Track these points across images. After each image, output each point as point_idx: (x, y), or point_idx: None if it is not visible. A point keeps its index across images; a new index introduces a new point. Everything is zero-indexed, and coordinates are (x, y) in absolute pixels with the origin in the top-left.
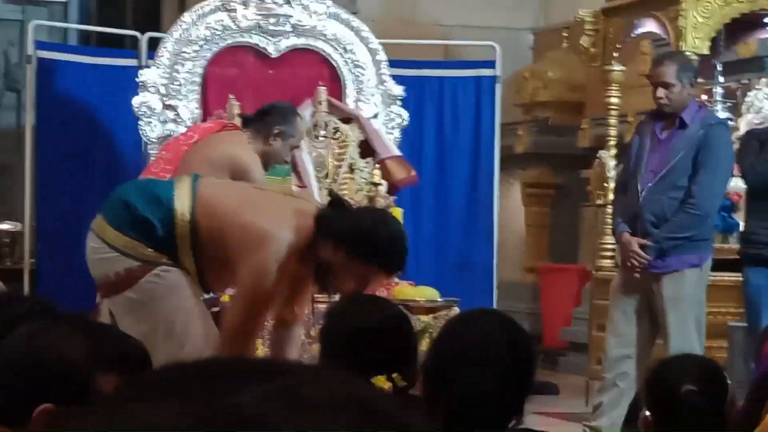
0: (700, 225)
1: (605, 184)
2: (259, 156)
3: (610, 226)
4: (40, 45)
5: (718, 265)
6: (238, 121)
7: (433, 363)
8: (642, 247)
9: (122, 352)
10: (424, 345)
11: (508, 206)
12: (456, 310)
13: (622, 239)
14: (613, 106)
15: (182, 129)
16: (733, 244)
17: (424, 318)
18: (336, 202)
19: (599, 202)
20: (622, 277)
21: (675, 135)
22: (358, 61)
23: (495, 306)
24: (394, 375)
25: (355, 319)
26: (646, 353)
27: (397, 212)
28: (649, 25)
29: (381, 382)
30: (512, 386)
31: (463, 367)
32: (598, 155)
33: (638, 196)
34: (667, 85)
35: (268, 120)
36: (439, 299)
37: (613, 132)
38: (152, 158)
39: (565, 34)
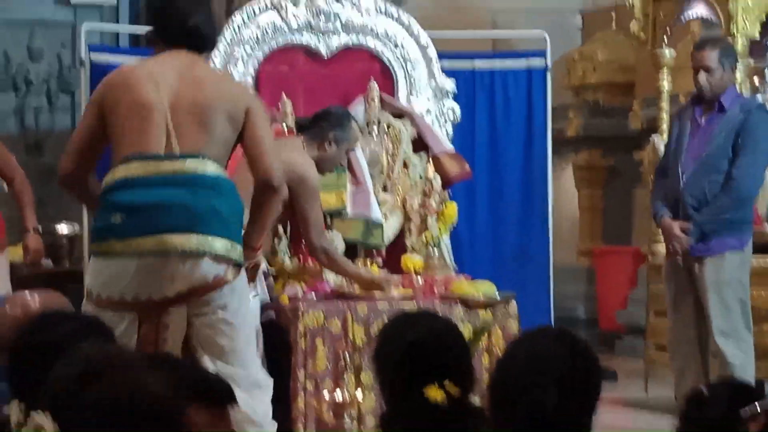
0: (740, 208)
1: None
2: (315, 161)
3: None
4: (92, 48)
5: (763, 249)
6: (291, 121)
7: (498, 382)
8: (684, 230)
9: (208, 385)
10: (483, 341)
11: (561, 190)
12: (513, 305)
13: (663, 223)
14: (663, 90)
15: None
16: None
17: (483, 314)
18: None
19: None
20: (667, 261)
21: (715, 119)
22: (408, 56)
23: (551, 291)
24: (446, 383)
25: (406, 334)
26: (700, 333)
27: (452, 207)
28: (699, 9)
29: (434, 391)
30: (577, 404)
31: (527, 386)
32: (650, 138)
33: (679, 180)
34: (708, 70)
35: (324, 126)
36: (497, 293)
37: (664, 115)
38: None
39: (613, 15)
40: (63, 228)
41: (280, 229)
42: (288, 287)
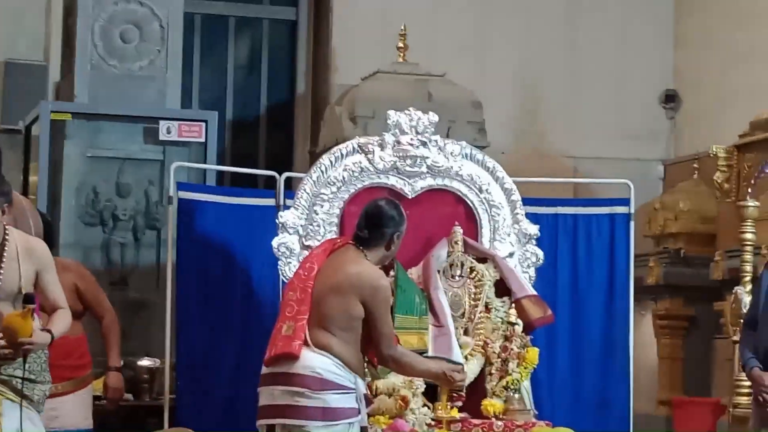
0: None
1: (740, 320)
2: (379, 261)
3: None
4: (181, 186)
5: None
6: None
7: None
8: None
9: None
10: None
11: (641, 338)
12: None
13: (753, 374)
14: (747, 242)
15: None
16: None
17: None
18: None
19: (735, 338)
20: (755, 413)
21: None
22: (493, 201)
23: None
24: None
25: None
26: None
27: (533, 352)
28: None
29: None
30: None
31: None
32: (734, 291)
33: None
34: None
35: (386, 230)
36: None
37: (747, 267)
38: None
39: (695, 166)
40: (145, 362)
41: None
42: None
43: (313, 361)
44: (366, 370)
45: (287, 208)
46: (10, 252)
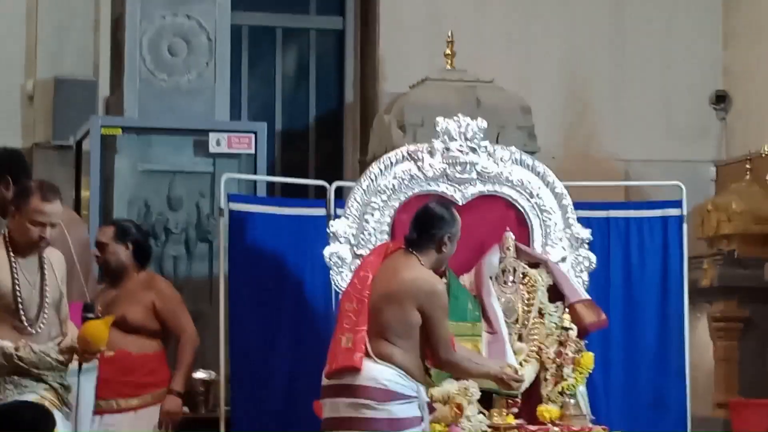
0: None
1: None
2: (433, 264)
3: None
4: (231, 197)
5: None
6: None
7: None
8: None
9: None
10: None
11: (696, 340)
12: None
13: None
14: None
15: None
16: None
17: None
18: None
19: None
20: None
21: None
22: (544, 205)
23: None
24: None
25: None
26: None
27: (588, 357)
28: None
29: None
30: None
31: None
32: None
33: None
34: None
35: (436, 232)
36: None
37: None
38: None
39: (747, 167)
40: (200, 374)
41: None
42: None
43: (377, 373)
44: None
45: (338, 217)
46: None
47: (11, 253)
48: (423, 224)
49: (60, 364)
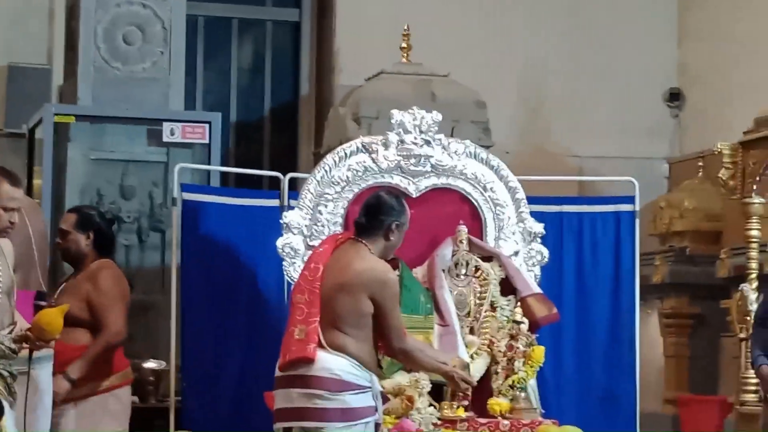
0: None
1: (747, 317)
2: (381, 253)
3: None
4: (185, 187)
5: None
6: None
7: None
8: None
9: None
10: None
11: (646, 336)
12: None
13: (762, 372)
14: (753, 239)
15: None
16: None
17: None
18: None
19: (741, 335)
20: (765, 411)
21: None
22: (497, 199)
23: None
24: None
25: None
26: None
27: (539, 350)
28: None
29: None
30: None
31: None
32: (739, 288)
33: None
34: None
35: (383, 219)
36: None
37: (753, 264)
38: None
39: (700, 164)
40: (150, 364)
41: None
42: None
43: (331, 363)
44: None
45: (291, 208)
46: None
47: None
48: (372, 211)
49: (11, 353)
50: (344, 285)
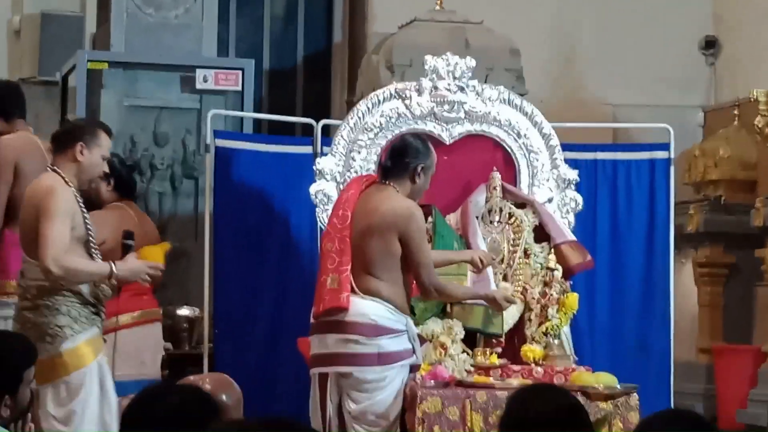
0: None
1: None
2: (409, 195)
3: None
4: (218, 134)
5: None
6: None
7: None
8: None
9: None
10: None
11: (681, 286)
12: (635, 397)
13: None
14: None
15: None
16: None
17: (604, 405)
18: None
19: None
20: None
21: None
22: (531, 146)
23: (671, 386)
24: None
25: (534, 407)
26: None
27: (573, 297)
28: None
29: None
30: None
31: None
32: None
33: None
34: None
35: (408, 161)
36: (618, 386)
37: None
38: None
39: (735, 113)
40: (184, 311)
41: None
42: None
43: (366, 308)
44: None
45: (324, 155)
46: None
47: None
48: (398, 153)
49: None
50: (373, 228)
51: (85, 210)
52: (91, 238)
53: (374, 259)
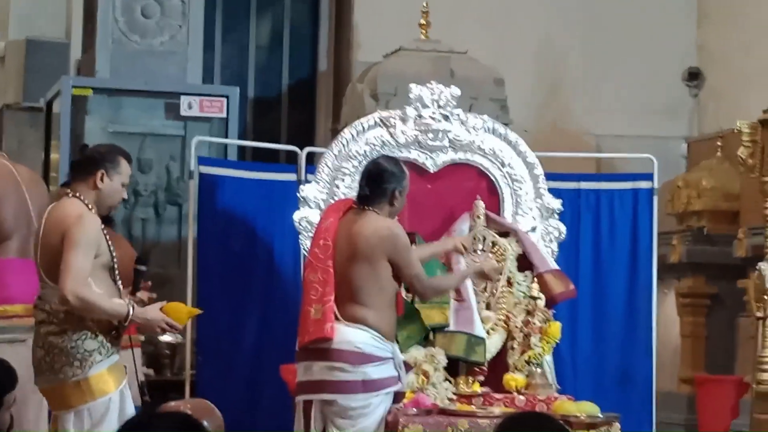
0: None
1: (765, 296)
2: (388, 217)
3: None
4: (202, 161)
5: None
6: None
7: None
8: None
9: None
10: None
11: (663, 316)
12: (617, 427)
13: None
14: None
15: None
16: None
17: None
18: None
19: (759, 314)
20: None
21: None
22: (515, 175)
23: (653, 416)
24: None
25: None
26: None
27: (555, 326)
28: None
29: None
30: None
31: None
32: (757, 267)
33: None
34: None
35: (386, 186)
36: (600, 415)
37: None
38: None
39: (719, 143)
40: (166, 337)
41: None
42: None
43: (351, 336)
44: None
45: (309, 182)
46: None
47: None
48: (375, 180)
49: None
50: (358, 253)
51: (108, 237)
52: (115, 265)
53: (360, 285)
